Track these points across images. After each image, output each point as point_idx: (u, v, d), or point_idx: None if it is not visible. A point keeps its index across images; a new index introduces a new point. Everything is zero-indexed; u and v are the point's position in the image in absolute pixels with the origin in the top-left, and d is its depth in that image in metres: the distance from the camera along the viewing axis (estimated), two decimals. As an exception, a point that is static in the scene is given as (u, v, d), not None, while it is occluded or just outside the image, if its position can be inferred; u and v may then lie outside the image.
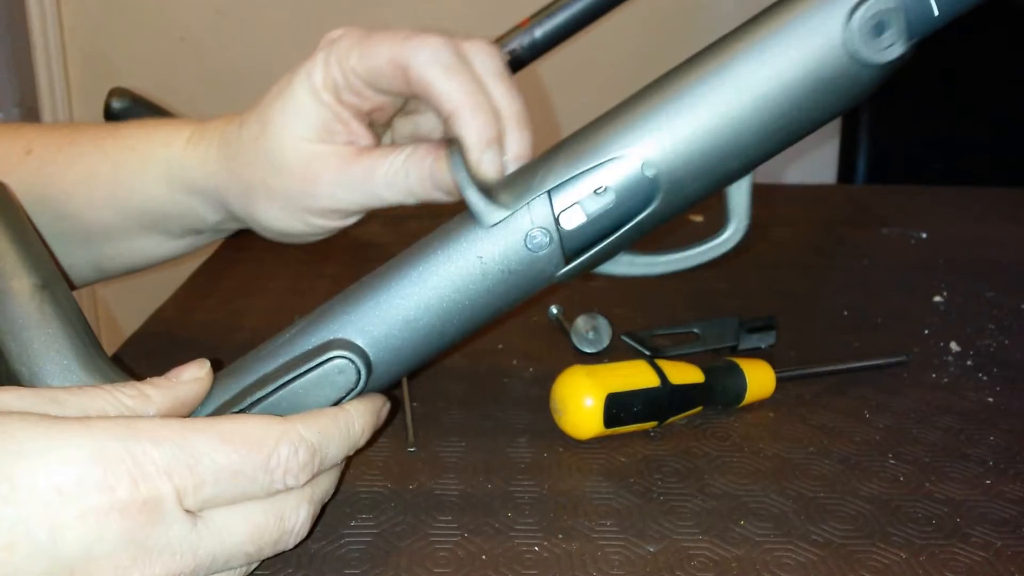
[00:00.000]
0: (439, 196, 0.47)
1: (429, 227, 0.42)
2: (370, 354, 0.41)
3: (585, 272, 0.42)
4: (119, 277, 0.61)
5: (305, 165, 0.48)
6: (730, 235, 0.42)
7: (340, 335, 0.41)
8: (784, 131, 0.38)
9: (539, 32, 0.86)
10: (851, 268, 0.86)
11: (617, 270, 0.42)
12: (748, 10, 0.39)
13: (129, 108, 0.79)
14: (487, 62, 0.46)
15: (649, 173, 0.38)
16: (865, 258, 0.88)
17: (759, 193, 0.42)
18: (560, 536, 0.43)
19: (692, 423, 0.54)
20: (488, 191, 0.40)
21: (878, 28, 0.36)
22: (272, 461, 0.36)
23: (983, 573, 0.41)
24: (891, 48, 0.37)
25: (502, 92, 0.45)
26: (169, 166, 0.53)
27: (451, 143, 0.42)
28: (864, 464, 0.50)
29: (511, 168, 0.44)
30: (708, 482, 0.48)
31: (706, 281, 0.79)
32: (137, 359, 0.61)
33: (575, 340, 0.63)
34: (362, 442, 0.41)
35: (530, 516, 0.44)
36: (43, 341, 0.40)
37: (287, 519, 0.37)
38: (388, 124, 0.53)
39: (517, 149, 0.44)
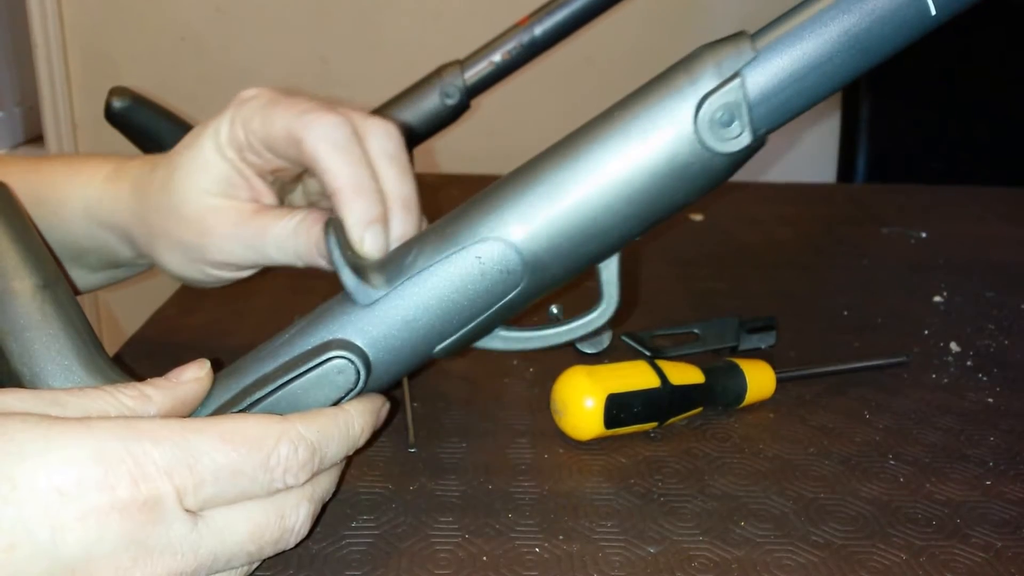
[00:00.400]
0: (325, 264, 0.47)
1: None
2: (369, 354, 0.41)
3: (461, 350, 0.43)
4: None
5: (203, 218, 0.49)
6: (600, 312, 0.43)
7: (339, 335, 0.41)
8: (643, 216, 0.39)
9: (538, 30, 0.86)
10: (851, 268, 0.86)
11: (493, 344, 0.44)
12: (747, 8, 0.39)
13: (130, 107, 0.79)
14: (382, 143, 0.46)
15: (513, 257, 0.40)
16: (865, 258, 0.88)
17: (761, 192, 0.42)
18: (561, 537, 0.43)
19: (692, 424, 0.54)
20: (365, 270, 0.41)
21: (725, 121, 0.38)
22: (272, 460, 0.36)
23: (983, 574, 0.42)
24: (739, 139, 0.38)
25: (392, 174, 0.46)
26: (87, 202, 0.54)
27: (331, 221, 0.43)
28: (864, 465, 0.50)
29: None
30: (708, 483, 0.48)
31: (706, 281, 0.79)
32: (138, 359, 0.61)
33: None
34: (362, 442, 0.41)
35: (531, 517, 0.45)
36: (44, 342, 0.40)
37: (287, 517, 0.37)
38: (298, 180, 0.53)
39: (400, 231, 0.45)
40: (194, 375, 0.40)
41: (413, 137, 0.87)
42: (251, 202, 0.49)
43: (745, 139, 0.38)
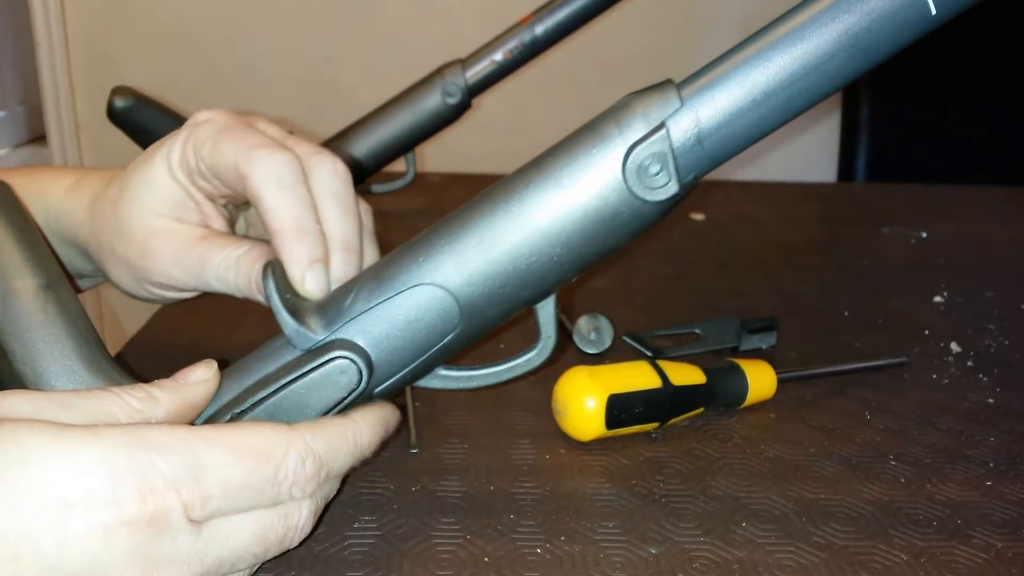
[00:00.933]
0: (264, 300, 0.47)
1: (431, 225, 0.42)
2: (372, 354, 0.41)
3: (399, 390, 0.43)
4: None
5: (148, 239, 0.49)
6: (538, 352, 0.44)
7: (341, 335, 0.41)
8: (576, 261, 0.40)
9: (540, 29, 0.86)
10: (851, 268, 0.86)
11: (432, 384, 0.44)
12: (748, 7, 0.39)
13: (132, 107, 0.80)
14: (328, 181, 0.46)
15: (449, 301, 0.40)
16: (865, 258, 0.88)
17: (761, 191, 0.43)
18: (562, 538, 0.43)
19: (693, 424, 0.54)
20: (303, 312, 0.42)
21: (653, 170, 0.38)
22: (280, 474, 0.36)
23: (984, 575, 0.42)
24: (665, 188, 0.38)
25: (335, 214, 0.46)
26: (47, 214, 0.54)
27: (270, 264, 0.43)
28: (865, 465, 0.50)
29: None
30: (710, 484, 0.48)
31: (707, 281, 0.79)
32: (142, 358, 0.61)
33: (577, 341, 0.63)
34: (369, 452, 0.41)
35: (532, 518, 0.45)
36: (47, 342, 0.40)
37: (291, 516, 0.37)
38: (247, 206, 0.53)
39: (339, 273, 0.45)
40: (201, 376, 0.40)
41: (415, 136, 0.87)
42: (199, 226, 0.49)
43: (672, 188, 0.38)
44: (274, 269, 0.43)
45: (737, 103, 0.37)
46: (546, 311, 0.43)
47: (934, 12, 0.37)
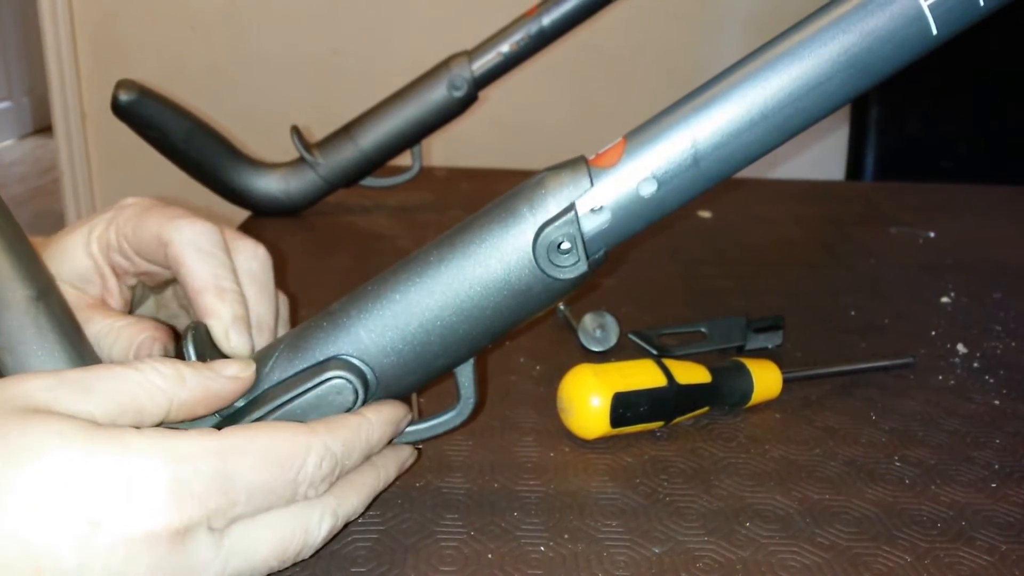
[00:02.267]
0: None
1: (436, 220, 0.42)
2: (367, 374, 0.41)
3: None
4: None
5: None
6: (458, 412, 0.45)
7: (337, 354, 0.41)
8: (490, 333, 0.41)
9: (547, 20, 0.86)
10: (858, 268, 0.86)
11: None
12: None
13: (136, 100, 0.79)
14: (247, 263, 0.47)
15: (366, 372, 0.41)
16: (872, 258, 0.88)
17: (768, 190, 0.42)
18: (566, 536, 0.43)
19: (698, 423, 0.54)
20: None
21: (560, 250, 0.39)
22: (300, 476, 0.37)
23: (988, 578, 0.42)
24: (575, 267, 0.39)
25: (251, 294, 0.47)
26: None
27: (191, 326, 0.43)
28: (870, 466, 0.50)
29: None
30: (714, 483, 0.48)
31: (713, 280, 0.79)
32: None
33: (582, 338, 0.63)
34: (378, 449, 0.42)
35: (536, 516, 0.45)
36: (40, 357, 0.39)
37: (311, 533, 0.38)
38: (166, 286, 0.53)
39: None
40: (235, 373, 0.40)
41: (421, 129, 0.87)
42: (95, 298, 0.49)
43: (581, 267, 0.39)
44: (196, 331, 0.43)
45: (650, 175, 0.38)
46: (465, 375, 0.44)
47: (935, 32, 0.37)
